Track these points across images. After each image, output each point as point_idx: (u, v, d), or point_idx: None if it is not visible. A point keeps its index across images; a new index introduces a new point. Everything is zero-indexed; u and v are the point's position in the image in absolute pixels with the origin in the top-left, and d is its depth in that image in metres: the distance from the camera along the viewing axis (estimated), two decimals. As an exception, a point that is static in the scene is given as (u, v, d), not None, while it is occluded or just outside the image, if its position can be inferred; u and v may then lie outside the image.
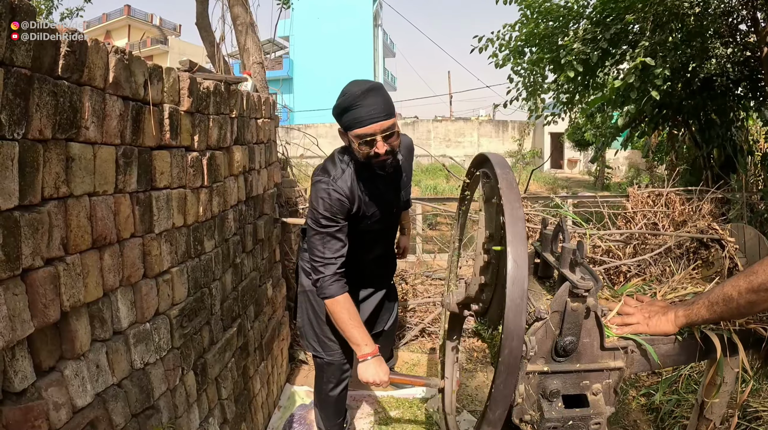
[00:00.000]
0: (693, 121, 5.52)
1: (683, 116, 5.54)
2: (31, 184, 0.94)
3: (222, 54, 3.41)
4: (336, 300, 1.86)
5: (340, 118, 1.79)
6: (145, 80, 1.32)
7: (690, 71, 4.89)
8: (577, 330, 1.17)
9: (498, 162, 1.27)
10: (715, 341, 1.28)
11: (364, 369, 1.85)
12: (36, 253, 0.94)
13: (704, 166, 5.55)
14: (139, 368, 1.33)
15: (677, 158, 6.57)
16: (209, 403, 1.81)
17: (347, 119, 1.76)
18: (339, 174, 1.89)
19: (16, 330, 0.89)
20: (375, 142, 1.75)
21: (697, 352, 1.34)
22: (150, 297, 1.38)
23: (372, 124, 1.72)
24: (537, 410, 1.24)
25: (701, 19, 4.64)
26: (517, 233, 1.05)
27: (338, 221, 1.86)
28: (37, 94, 0.93)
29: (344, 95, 1.76)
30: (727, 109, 5.20)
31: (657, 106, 5.37)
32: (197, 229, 1.72)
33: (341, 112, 1.77)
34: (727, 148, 5.08)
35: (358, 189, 1.91)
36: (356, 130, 1.74)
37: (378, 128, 1.73)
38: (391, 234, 2.30)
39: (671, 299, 1.52)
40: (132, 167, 1.29)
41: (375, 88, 1.75)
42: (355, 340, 1.87)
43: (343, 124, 1.80)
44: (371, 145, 1.75)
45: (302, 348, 3.37)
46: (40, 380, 0.99)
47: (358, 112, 1.72)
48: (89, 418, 1.10)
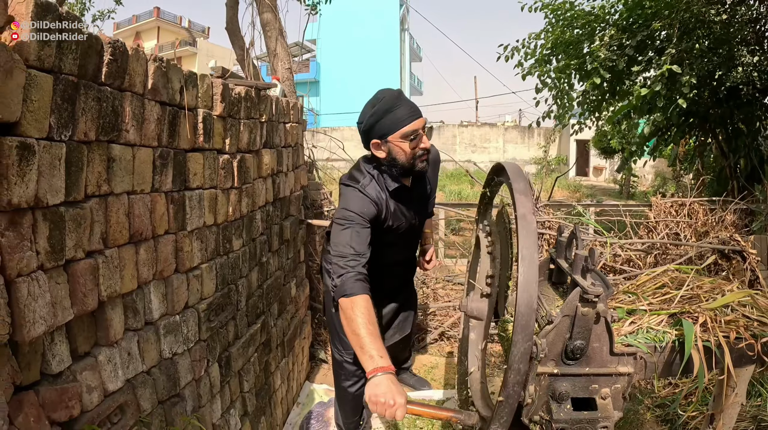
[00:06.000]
0: (720, 130, 5.43)
1: (710, 125, 5.45)
2: (76, 182, 1.02)
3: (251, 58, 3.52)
4: (354, 300, 1.62)
5: (378, 123, 1.81)
6: (181, 86, 1.40)
7: (716, 79, 4.81)
8: (587, 334, 1.20)
9: (513, 171, 1.30)
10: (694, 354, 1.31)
11: (374, 386, 1.41)
12: (78, 245, 1.02)
13: (730, 176, 5.44)
14: (168, 357, 1.40)
15: (703, 168, 6.46)
16: (231, 395, 1.88)
17: (388, 122, 1.80)
18: (367, 182, 1.91)
19: (57, 316, 0.97)
20: (420, 137, 1.82)
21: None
22: (181, 291, 1.46)
23: (415, 120, 1.80)
24: (546, 411, 1.28)
25: (728, 27, 4.56)
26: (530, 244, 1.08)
27: (366, 220, 1.82)
28: (82, 99, 1.01)
29: (379, 100, 1.82)
30: (754, 119, 5.10)
31: (683, 115, 5.30)
32: (226, 228, 1.80)
33: (380, 117, 1.80)
34: (753, 158, 4.98)
35: (385, 199, 1.93)
36: (402, 129, 1.79)
37: (420, 124, 1.81)
38: (414, 242, 2.33)
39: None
40: (168, 168, 1.37)
41: (402, 92, 1.84)
42: (368, 349, 1.51)
43: (381, 130, 1.82)
44: (417, 141, 1.82)
45: (322, 347, 3.44)
46: (76, 364, 1.06)
47: (400, 112, 1.78)
48: (119, 402, 1.18)
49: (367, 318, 1.58)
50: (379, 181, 1.94)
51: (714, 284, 1.68)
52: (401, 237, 2.10)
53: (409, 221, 2.06)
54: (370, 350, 1.50)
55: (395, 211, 1.98)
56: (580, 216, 4.09)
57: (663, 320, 1.46)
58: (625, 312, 1.43)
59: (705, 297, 1.59)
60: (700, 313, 1.48)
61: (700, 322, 1.45)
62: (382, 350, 1.52)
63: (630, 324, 1.40)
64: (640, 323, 1.42)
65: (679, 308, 1.49)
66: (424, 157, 1.86)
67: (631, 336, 1.37)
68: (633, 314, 1.46)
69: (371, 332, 1.54)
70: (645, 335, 1.39)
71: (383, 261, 2.08)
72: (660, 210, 4.18)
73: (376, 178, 1.94)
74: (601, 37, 5.22)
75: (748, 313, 1.56)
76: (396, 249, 2.16)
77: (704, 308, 1.50)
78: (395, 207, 1.97)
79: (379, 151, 1.88)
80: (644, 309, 1.44)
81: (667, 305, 1.51)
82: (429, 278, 3.89)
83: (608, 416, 1.27)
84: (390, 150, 1.85)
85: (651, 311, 1.47)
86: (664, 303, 1.53)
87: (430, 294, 3.84)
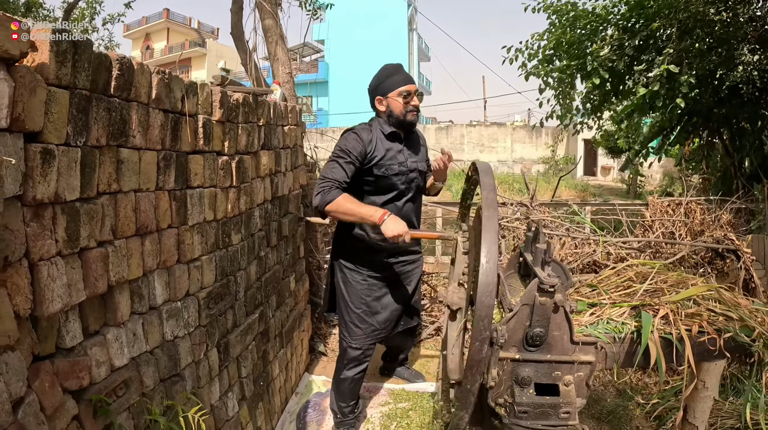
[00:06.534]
0: (724, 130, 5.42)
1: (713, 124, 5.45)
2: (89, 181, 1.16)
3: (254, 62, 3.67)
4: (336, 201, 2.15)
5: (381, 85, 2.38)
6: (182, 95, 1.55)
7: (717, 79, 4.82)
8: (546, 323, 1.32)
9: (483, 169, 1.43)
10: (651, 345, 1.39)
11: (386, 227, 2.07)
12: (91, 236, 1.17)
13: (734, 176, 5.44)
14: (170, 339, 1.55)
15: (707, 167, 6.46)
16: (230, 379, 2.02)
17: (389, 83, 2.36)
18: (362, 129, 2.37)
19: (72, 296, 1.12)
20: (411, 96, 2.35)
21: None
22: (182, 280, 1.61)
23: (409, 83, 2.36)
24: (510, 395, 1.38)
25: (728, 26, 4.57)
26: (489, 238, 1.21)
27: (350, 156, 2.25)
28: (95, 110, 1.16)
29: (384, 69, 2.42)
30: (757, 117, 5.10)
31: (686, 114, 5.31)
32: (226, 223, 1.94)
33: (383, 80, 2.37)
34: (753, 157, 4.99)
35: (378, 140, 2.35)
36: (399, 88, 2.34)
37: (413, 88, 2.36)
38: (416, 204, 2.55)
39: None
40: (171, 169, 1.52)
41: (402, 65, 2.46)
42: (368, 214, 2.13)
43: (383, 89, 2.37)
44: (410, 98, 2.34)
45: (322, 340, 3.58)
46: (87, 341, 1.20)
47: (398, 77, 2.36)
48: (124, 377, 1.32)
49: (353, 202, 2.17)
50: (376, 129, 2.38)
51: (679, 279, 1.75)
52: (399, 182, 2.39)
53: (401, 164, 2.39)
54: (368, 211, 2.15)
55: (388, 154, 2.36)
56: (575, 215, 4.17)
57: (625, 312, 1.55)
58: (586, 305, 1.53)
59: (669, 291, 1.67)
60: (661, 306, 1.57)
61: (661, 314, 1.54)
62: (374, 208, 2.17)
63: (591, 315, 1.50)
64: (600, 314, 1.51)
65: (641, 301, 1.58)
66: (414, 112, 2.38)
67: (591, 327, 1.47)
68: (596, 307, 1.56)
69: (362, 205, 2.19)
70: (605, 326, 1.48)
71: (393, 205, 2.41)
72: (656, 209, 4.24)
73: (375, 127, 2.39)
74: (602, 37, 5.27)
75: (713, 307, 1.63)
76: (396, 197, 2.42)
77: (665, 300, 1.58)
78: (388, 149, 2.37)
79: (381, 106, 2.41)
80: (605, 302, 1.54)
81: (629, 298, 1.60)
82: (427, 275, 4.01)
83: (570, 402, 1.35)
84: (389, 104, 2.37)
85: (613, 304, 1.56)
86: (627, 296, 1.62)
87: (429, 290, 3.96)
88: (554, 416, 1.35)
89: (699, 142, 6.39)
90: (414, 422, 2.75)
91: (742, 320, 1.57)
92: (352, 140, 2.29)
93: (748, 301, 1.69)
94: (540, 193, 14.04)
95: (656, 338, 1.48)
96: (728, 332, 1.54)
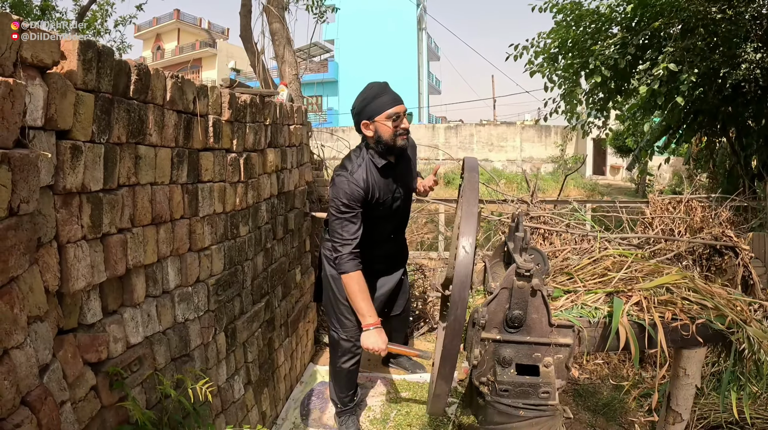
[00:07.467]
0: (731, 128, 5.42)
1: (719, 123, 5.45)
2: (111, 174, 1.31)
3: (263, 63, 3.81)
4: (350, 276, 2.19)
5: (367, 107, 2.21)
6: (194, 97, 1.69)
7: (720, 77, 4.83)
8: (524, 306, 1.42)
9: (469, 166, 1.55)
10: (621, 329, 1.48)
11: (366, 337, 2.19)
12: (112, 223, 1.31)
13: (741, 174, 5.44)
14: (181, 322, 1.69)
15: (714, 166, 6.46)
16: (236, 363, 2.16)
17: (375, 105, 2.20)
18: (355, 168, 2.26)
19: (94, 276, 1.26)
20: (401, 119, 2.21)
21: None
22: (193, 267, 1.75)
23: (397, 105, 2.21)
24: (493, 374, 1.48)
25: (732, 24, 4.57)
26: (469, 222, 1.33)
27: (355, 208, 2.22)
28: (116, 111, 1.30)
29: (368, 89, 2.25)
30: (762, 116, 5.09)
31: (691, 113, 5.32)
32: (234, 216, 2.08)
33: (369, 101, 2.21)
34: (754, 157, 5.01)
35: (373, 178, 2.28)
36: (387, 110, 2.19)
37: (401, 109, 2.21)
38: (401, 221, 2.62)
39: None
40: (183, 164, 1.66)
41: (388, 84, 2.27)
42: (362, 311, 2.21)
43: (369, 112, 2.21)
44: (398, 121, 2.20)
45: (327, 332, 3.71)
46: (105, 318, 1.34)
47: (385, 98, 2.20)
48: (138, 354, 1.46)
49: (360, 288, 2.21)
50: (368, 163, 2.28)
51: (655, 268, 1.84)
52: (390, 212, 2.42)
53: (394, 195, 2.39)
54: (363, 311, 2.21)
55: (383, 186, 2.32)
56: (575, 212, 4.25)
57: (600, 298, 1.64)
58: (562, 292, 1.63)
59: (644, 279, 1.76)
60: (634, 292, 1.66)
61: (634, 301, 1.63)
62: (371, 310, 2.23)
63: (566, 300, 1.60)
64: (575, 300, 1.61)
65: (614, 288, 1.67)
66: (403, 135, 2.24)
67: (566, 311, 1.57)
68: (571, 293, 1.65)
69: (364, 299, 2.22)
70: (579, 311, 1.57)
71: (376, 235, 2.42)
72: (657, 206, 4.31)
73: (366, 161, 2.28)
74: (606, 36, 5.31)
75: (686, 295, 1.72)
76: (386, 222, 2.47)
77: (638, 288, 1.68)
78: (383, 182, 2.32)
79: (368, 131, 2.25)
80: (580, 289, 1.64)
81: (604, 286, 1.69)
82: (428, 268, 4.12)
83: (549, 382, 1.43)
84: (376, 129, 2.22)
85: (588, 291, 1.66)
86: (602, 284, 1.71)
87: (429, 285, 4.07)
88: (534, 395, 1.43)
89: (707, 140, 6.37)
90: (414, 411, 2.82)
91: (718, 309, 1.65)
92: (354, 190, 2.21)
93: (723, 290, 1.77)
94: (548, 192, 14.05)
95: (626, 323, 1.55)
96: (700, 319, 1.62)
